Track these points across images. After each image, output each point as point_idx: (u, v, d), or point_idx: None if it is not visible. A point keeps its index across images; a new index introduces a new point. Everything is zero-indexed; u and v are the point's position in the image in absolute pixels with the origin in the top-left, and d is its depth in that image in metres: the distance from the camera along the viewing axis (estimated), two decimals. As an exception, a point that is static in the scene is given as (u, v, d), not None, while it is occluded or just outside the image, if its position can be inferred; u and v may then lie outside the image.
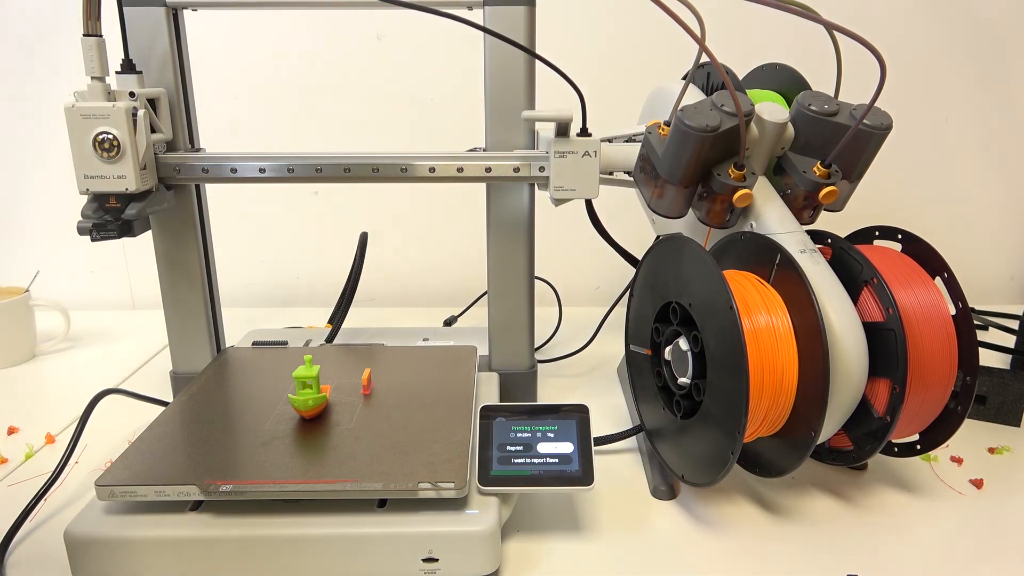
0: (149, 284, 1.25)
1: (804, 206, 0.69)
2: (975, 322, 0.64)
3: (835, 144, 0.65)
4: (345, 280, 0.91)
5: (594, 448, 0.61)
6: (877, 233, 0.70)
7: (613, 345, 0.92)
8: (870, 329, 0.60)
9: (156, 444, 0.61)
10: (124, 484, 0.55)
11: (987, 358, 0.76)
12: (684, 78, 0.76)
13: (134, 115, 0.68)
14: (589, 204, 0.82)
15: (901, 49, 1.16)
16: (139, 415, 0.73)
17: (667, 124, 0.68)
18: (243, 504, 0.56)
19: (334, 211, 1.23)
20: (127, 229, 0.71)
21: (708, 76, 0.76)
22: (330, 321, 0.95)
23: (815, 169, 0.67)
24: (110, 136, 0.67)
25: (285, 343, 0.88)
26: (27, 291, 1.02)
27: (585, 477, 0.58)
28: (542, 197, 0.76)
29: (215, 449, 0.60)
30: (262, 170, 0.73)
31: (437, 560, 0.54)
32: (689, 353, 0.63)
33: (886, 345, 0.59)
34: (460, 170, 0.73)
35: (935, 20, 1.16)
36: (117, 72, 0.71)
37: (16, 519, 0.62)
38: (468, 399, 0.68)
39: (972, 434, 0.78)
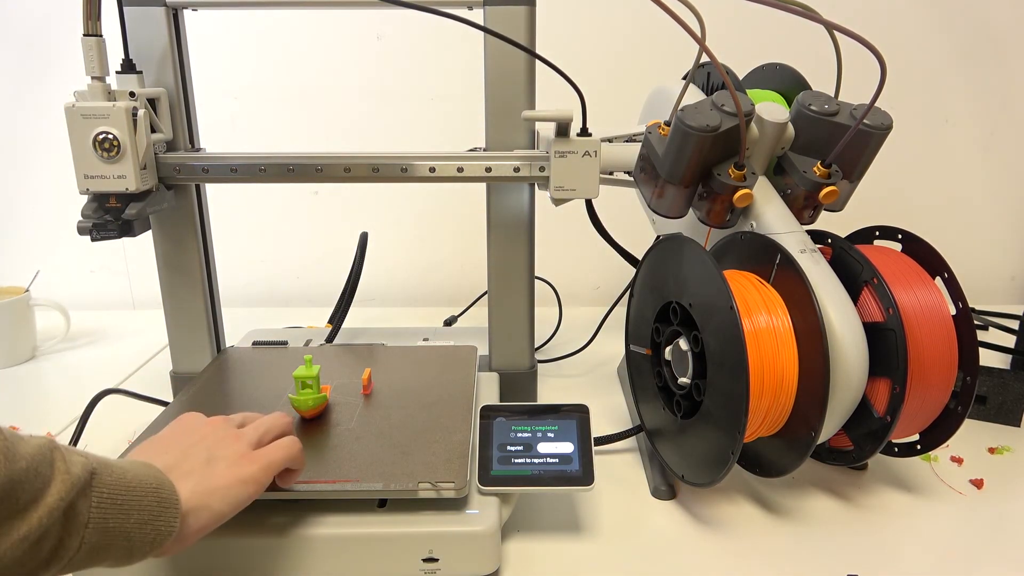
0: (149, 284, 1.24)
1: (804, 206, 0.69)
2: (975, 322, 0.64)
3: (835, 144, 0.65)
4: (345, 280, 0.91)
5: (594, 448, 0.61)
6: (877, 233, 0.70)
7: (613, 345, 0.92)
8: (870, 329, 0.60)
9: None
10: (124, 484, 0.55)
11: (987, 358, 0.76)
12: (684, 78, 0.76)
13: (134, 115, 0.68)
14: (589, 204, 0.82)
15: (901, 49, 1.16)
16: (139, 415, 0.73)
17: (667, 124, 0.68)
18: (243, 504, 0.56)
19: (334, 211, 1.23)
20: (127, 229, 0.71)
21: (708, 76, 0.76)
22: (330, 321, 0.95)
23: (815, 169, 0.67)
24: (110, 136, 0.67)
25: (285, 343, 0.88)
26: (27, 291, 1.02)
27: (585, 477, 0.58)
28: (542, 197, 0.76)
29: (215, 449, 0.60)
30: (262, 170, 0.73)
31: (437, 560, 0.54)
32: (689, 353, 0.63)
33: (886, 345, 0.59)
34: (460, 170, 0.73)
35: (935, 20, 1.16)
36: (117, 72, 0.71)
37: (16, 519, 0.62)
38: (468, 399, 0.68)
39: (972, 434, 0.78)
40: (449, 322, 1.12)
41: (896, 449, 0.69)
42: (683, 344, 0.64)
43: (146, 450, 0.49)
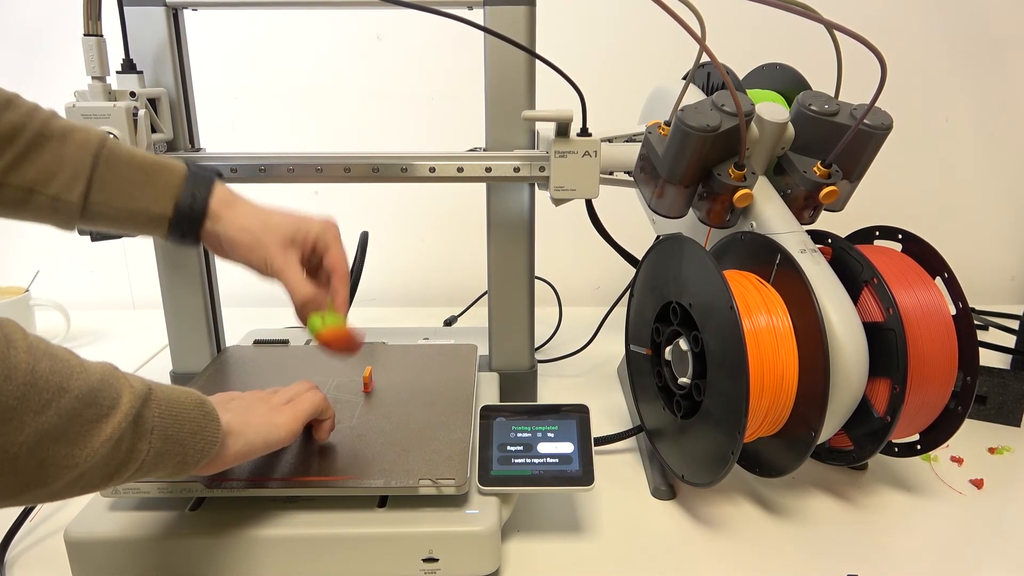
0: (149, 284, 1.24)
1: (804, 206, 0.69)
2: (975, 322, 0.64)
3: (835, 144, 0.65)
4: (345, 280, 0.91)
5: (594, 448, 0.61)
6: (877, 233, 0.70)
7: (613, 345, 0.92)
8: (870, 329, 0.60)
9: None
10: (125, 483, 0.55)
11: (987, 358, 0.76)
12: (684, 78, 0.76)
13: (135, 115, 0.68)
14: (589, 204, 0.82)
15: (901, 49, 1.16)
16: (139, 415, 0.73)
17: (667, 124, 0.68)
18: (243, 503, 0.56)
19: (334, 211, 1.23)
20: (127, 229, 0.71)
21: (708, 76, 0.76)
22: (330, 321, 0.95)
23: (815, 169, 0.67)
24: (111, 136, 0.66)
25: (286, 342, 0.88)
26: (27, 291, 1.02)
27: (585, 477, 0.58)
28: (542, 197, 0.76)
29: (215, 449, 0.60)
30: (262, 170, 0.73)
31: (437, 560, 0.54)
32: (689, 353, 0.63)
33: (886, 345, 0.59)
34: (460, 170, 0.73)
35: (935, 20, 1.16)
36: (118, 72, 0.71)
37: (16, 519, 0.62)
38: (468, 397, 0.68)
39: (972, 434, 0.78)
40: (449, 322, 1.12)
41: (896, 449, 0.69)
42: (683, 344, 0.64)
43: None
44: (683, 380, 0.64)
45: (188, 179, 0.57)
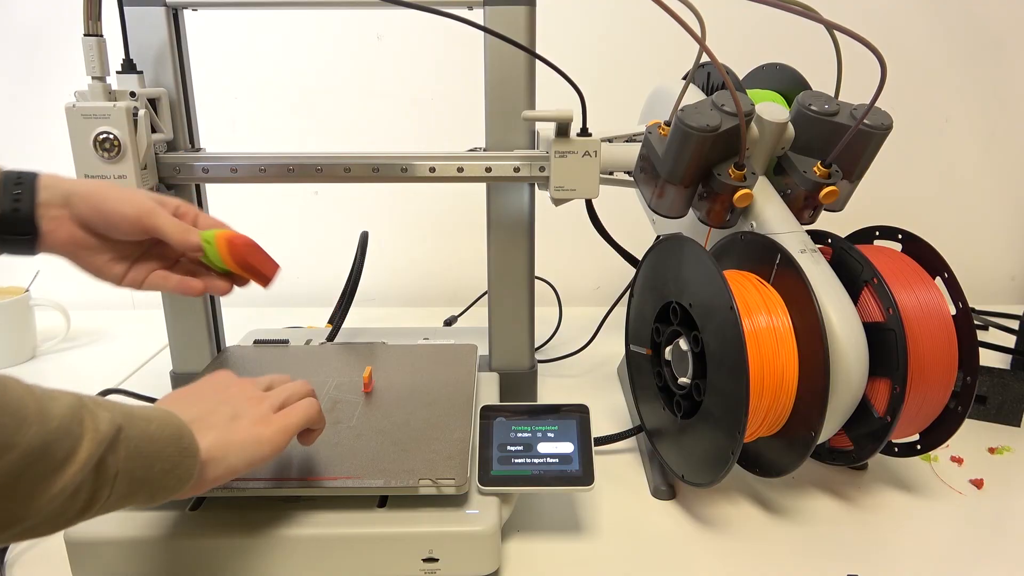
0: (149, 284, 1.24)
1: (804, 206, 0.69)
2: (975, 322, 0.64)
3: (835, 144, 0.65)
4: (345, 280, 0.91)
5: (594, 448, 0.61)
6: (877, 233, 0.70)
7: (613, 345, 0.92)
8: (870, 329, 0.60)
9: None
10: (124, 484, 0.55)
11: (987, 358, 0.76)
12: (684, 78, 0.76)
13: (135, 115, 0.68)
14: (589, 204, 0.82)
15: (901, 49, 1.16)
16: (139, 415, 0.73)
17: (667, 124, 0.68)
18: (243, 503, 0.56)
19: (334, 211, 1.23)
20: (127, 229, 0.70)
21: (708, 76, 0.76)
22: (330, 321, 0.95)
23: (815, 169, 0.67)
24: (111, 136, 0.67)
25: (286, 342, 0.89)
26: (27, 291, 1.02)
27: (585, 477, 0.58)
28: (542, 197, 0.76)
29: (215, 449, 0.60)
30: (262, 170, 0.73)
31: (437, 560, 0.54)
32: (689, 353, 0.63)
33: (886, 345, 0.59)
34: (460, 170, 0.73)
35: (935, 20, 1.16)
36: (118, 72, 0.71)
37: (16, 519, 0.62)
38: (468, 397, 0.68)
39: (972, 434, 0.78)
40: (449, 322, 1.12)
41: (896, 449, 0.69)
42: (683, 344, 0.64)
43: (176, 400, 0.52)
44: (683, 380, 0.64)
45: (4, 172, 0.53)
